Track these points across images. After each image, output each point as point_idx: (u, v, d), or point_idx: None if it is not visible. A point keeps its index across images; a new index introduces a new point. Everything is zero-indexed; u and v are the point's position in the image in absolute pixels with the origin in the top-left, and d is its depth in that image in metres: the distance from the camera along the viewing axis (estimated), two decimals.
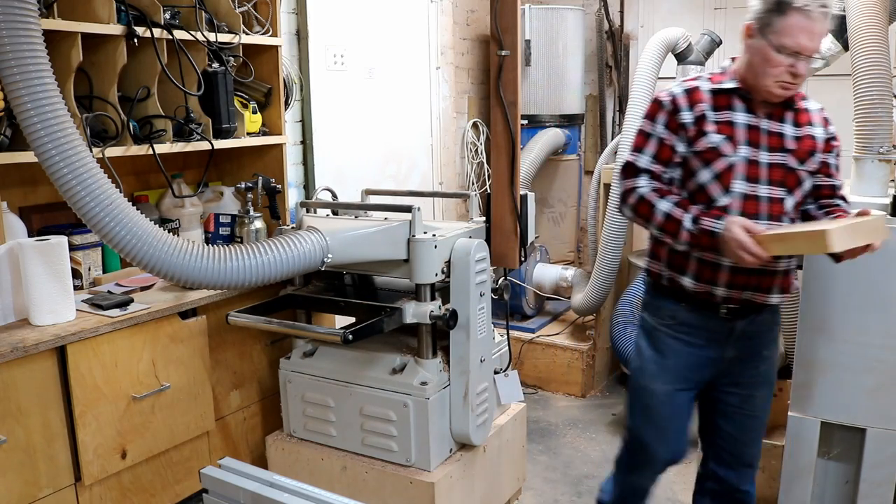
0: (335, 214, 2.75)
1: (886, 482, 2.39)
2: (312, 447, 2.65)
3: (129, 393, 2.25)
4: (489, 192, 2.84)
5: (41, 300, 2.13)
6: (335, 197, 2.92)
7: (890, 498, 2.39)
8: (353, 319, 2.48)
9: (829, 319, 2.40)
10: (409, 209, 2.42)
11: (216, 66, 2.66)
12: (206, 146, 2.63)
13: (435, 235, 2.41)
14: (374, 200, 2.93)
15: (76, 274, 2.48)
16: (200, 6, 2.60)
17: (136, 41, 2.37)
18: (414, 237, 2.39)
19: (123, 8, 2.36)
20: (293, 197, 3.35)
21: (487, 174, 4.65)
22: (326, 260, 2.27)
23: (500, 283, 2.74)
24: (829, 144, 2.15)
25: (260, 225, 2.76)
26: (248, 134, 2.83)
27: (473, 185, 4.68)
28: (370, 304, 2.50)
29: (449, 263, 2.46)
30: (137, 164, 2.76)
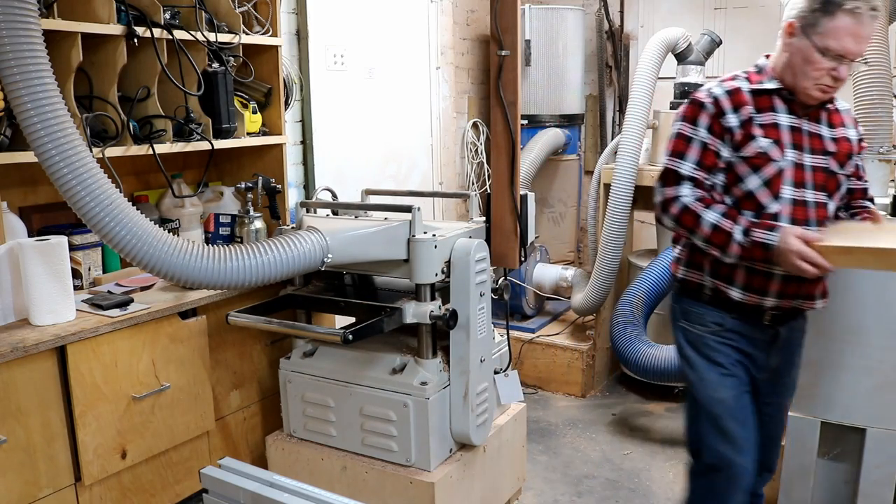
0: (335, 214, 2.75)
1: (886, 482, 2.39)
2: (312, 447, 2.65)
3: (129, 393, 2.25)
4: (489, 192, 2.84)
5: (41, 300, 2.13)
6: (335, 197, 2.92)
7: (890, 498, 2.39)
8: (353, 319, 2.48)
9: (829, 320, 2.40)
10: (409, 209, 2.42)
11: (216, 66, 2.66)
12: (206, 146, 2.63)
13: (435, 235, 2.41)
14: (374, 200, 2.93)
15: (76, 274, 2.48)
16: (200, 6, 2.60)
17: (136, 41, 2.37)
18: (414, 237, 2.39)
19: (123, 8, 2.36)
20: (293, 197, 3.35)
21: (487, 174, 4.65)
22: (326, 260, 2.27)
23: (500, 283, 2.74)
24: (860, 146, 2.11)
25: (260, 225, 2.77)
26: (248, 134, 2.83)
27: (473, 185, 4.68)
28: (370, 304, 2.50)
29: (449, 263, 2.46)
30: (137, 164, 2.76)
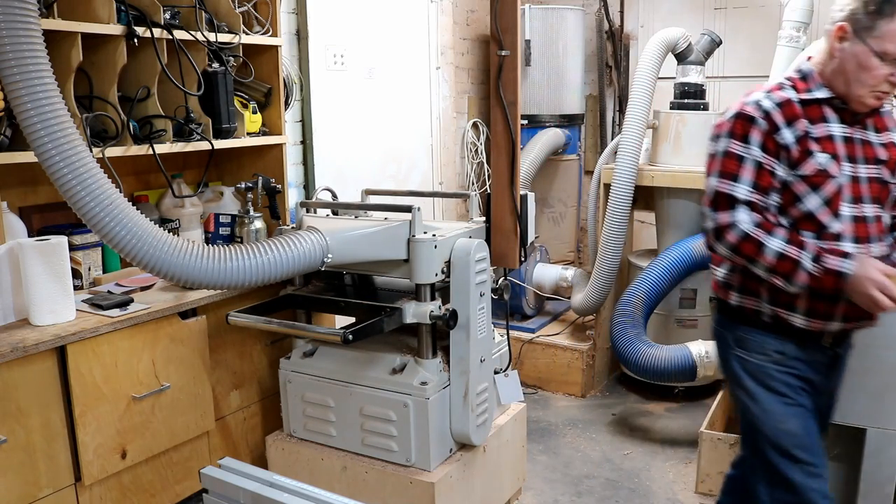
0: (335, 214, 2.75)
1: (886, 482, 2.39)
2: (312, 447, 2.65)
3: (129, 393, 2.25)
4: (489, 192, 2.84)
5: (41, 300, 2.13)
6: (335, 197, 2.92)
7: (890, 498, 2.39)
8: (353, 319, 2.48)
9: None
10: (409, 209, 2.42)
11: (216, 66, 2.66)
12: (206, 146, 2.63)
13: (435, 235, 2.41)
14: (374, 200, 2.93)
15: (76, 274, 2.48)
16: (200, 6, 2.60)
17: (136, 41, 2.37)
18: (414, 237, 2.39)
19: (123, 8, 2.36)
20: (293, 197, 3.35)
21: (487, 174, 4.65)
22: (326, 260, 2.28)
23: (500, 283, 2.74)
24: None
25: (260, 225, 2.77)
26: (248, 134, 2.83)
27: (473, 185, 4.68)
28: (370, 304, 2.50)
29: (449, 263, 2.46)
30: (137, 164, 2.76)
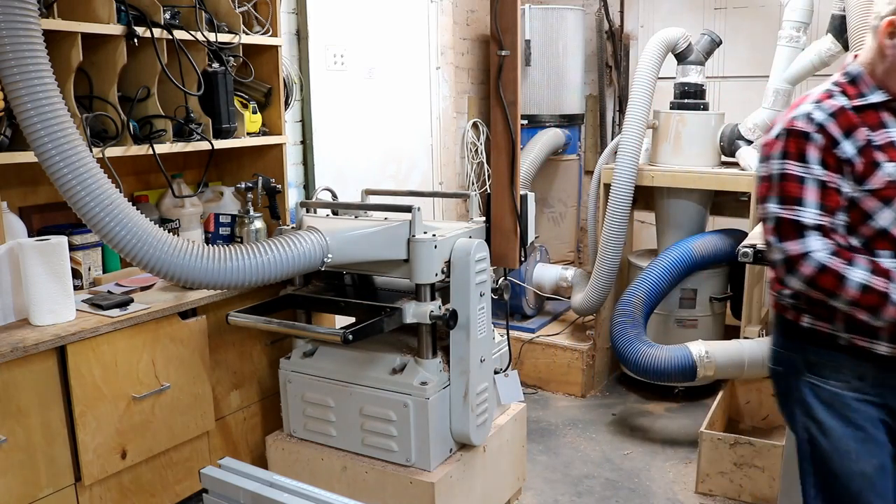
0: (335, 214, 2.76)
1: None
2: (312, 447, 2.65)
3: (129, 393, 2.25)
4: (489, 192, 2.84)
5: (41, 300, 2.13)
6: (335, 197, 2.92)
7: None
8: (353, 319, 2.48)
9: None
10: (409, 209, 2.42)
11: (216, 66, 2.66)
12: (206, 146, 2.63)
13: (435, 235, 2.41)
14: (374, 200, 2.93)
15: (76, 274, 2.48)
16: (200, 6, 2.60)
17: (136, 41, 2.37)
18: (414, 237, 2.39)
19: (123, 8, 2.36)
20: (293, 197, 3.35)
21: (487, 174, 4.65)
22: (326, 260, 2.28)
23: (500, 283, 2.74)
24: None
25: (260, 225, 2.77)
26: (248, 134, 2.83)
27: (473, 185, 4.68)
28: (370, 304, 2.50)
29: (449, 263, 2.46)
30: (137, 164, 2.76)
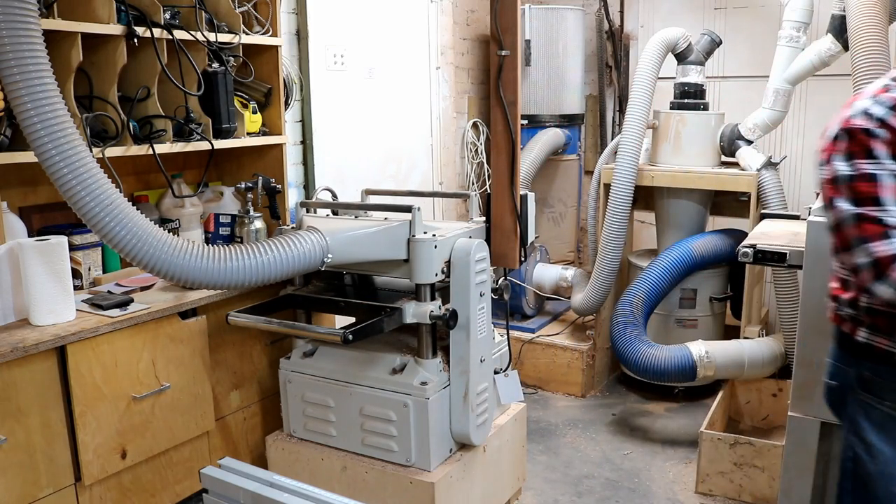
0: (335, 214, 2.76)
1: None
2: (312, 447, 2.65)
3: (129, 393, 2.25)
4: (489, 192, 2.84)
5: (41, 300, 2.13)
6: (335, 197, 2.92)
7: None
8: (353, 319, 2.48)
9: (829, 320, 2.39)
10: (409, 209, 2.42)
11: (216, 66, 2.66)
12: (206, 146, 2.63)
13: (435, 235, 2.41)
14: (374, 200, 2.93)
15: (76, 274, 2.48)
16: (200, 6, 2.60)
17: (136, 41, 2.37)
18: (414, 237, 2.39)
19: (123, 8, 2.36)
20: (293, 197, 3.35)
21: (487, 174, 4.65)
22: (326, 260, 2.28)
23: (500, 283, 2.74)
24: None
25: (260, 225, 2.77)
26: (248, 134, 2.83)
27: (473, 185, 4.68)
28: (370, 304, 2.50)
29: (449, 263, 2.46)
30: (137, 164, 2.76)
